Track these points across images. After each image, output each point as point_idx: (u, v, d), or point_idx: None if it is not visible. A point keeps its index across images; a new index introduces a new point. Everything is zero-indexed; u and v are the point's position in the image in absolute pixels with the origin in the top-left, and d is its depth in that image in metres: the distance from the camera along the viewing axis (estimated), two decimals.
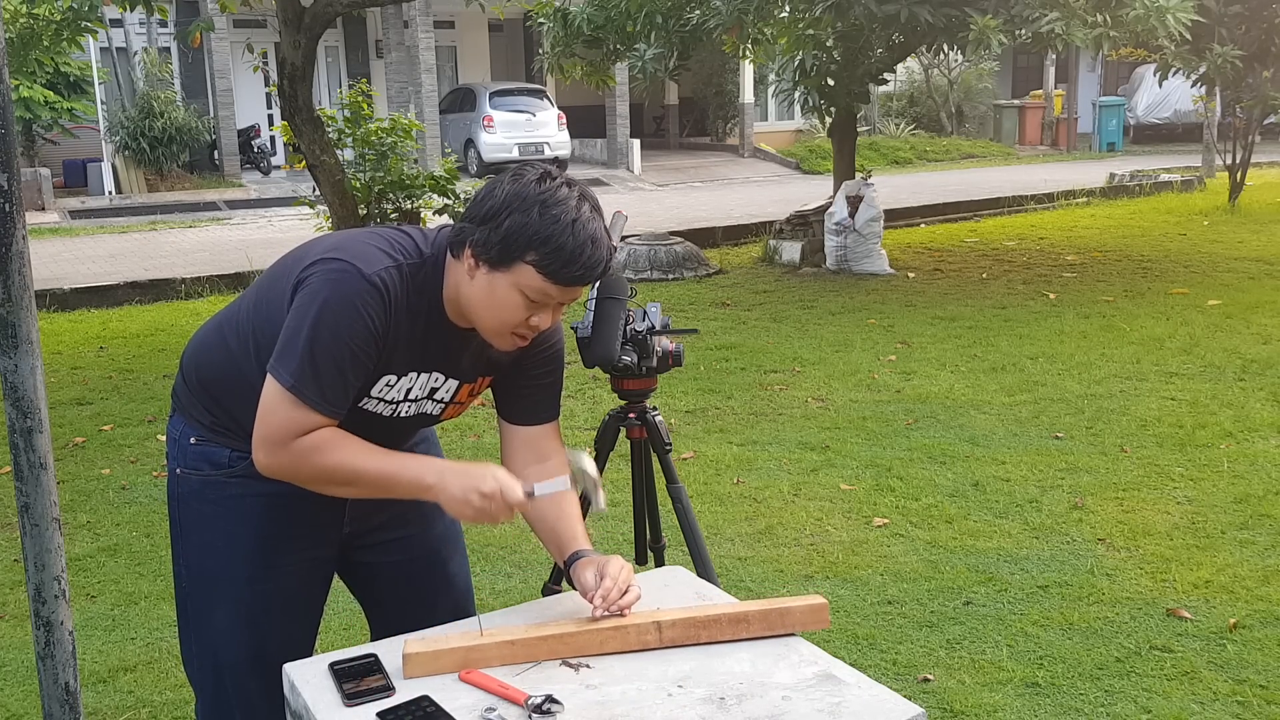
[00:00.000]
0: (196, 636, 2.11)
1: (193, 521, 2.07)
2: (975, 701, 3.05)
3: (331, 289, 1.82)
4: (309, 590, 2.12)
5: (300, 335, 1.81)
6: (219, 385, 2.03)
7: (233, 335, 2.02)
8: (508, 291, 1.83)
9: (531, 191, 1.80)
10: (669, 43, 10.49)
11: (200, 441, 2.04)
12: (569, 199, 1.81)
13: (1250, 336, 7.22)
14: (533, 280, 1.81)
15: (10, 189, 1.79)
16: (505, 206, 1.80)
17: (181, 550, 2.12)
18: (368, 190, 8.69)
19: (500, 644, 1.80)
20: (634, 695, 1.69)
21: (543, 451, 2.08)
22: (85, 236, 14.37)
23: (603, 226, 1.86)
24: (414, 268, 1.89)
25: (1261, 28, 8.98)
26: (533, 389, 2.08)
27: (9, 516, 4.60)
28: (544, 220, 1.78)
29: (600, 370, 2.47)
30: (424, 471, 1.88)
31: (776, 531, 4.32)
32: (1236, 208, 13.72)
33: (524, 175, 1.84)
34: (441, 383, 2.01)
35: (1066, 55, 23.23)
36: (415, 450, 2.20)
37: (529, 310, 1.85)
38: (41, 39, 9.51)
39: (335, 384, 1.83)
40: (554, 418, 2.11)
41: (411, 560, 2.20)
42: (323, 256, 1.88)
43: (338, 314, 1.81)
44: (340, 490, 1.94)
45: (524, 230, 1.78)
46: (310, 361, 1.81)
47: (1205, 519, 4.29)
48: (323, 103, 19.56)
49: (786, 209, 12.32)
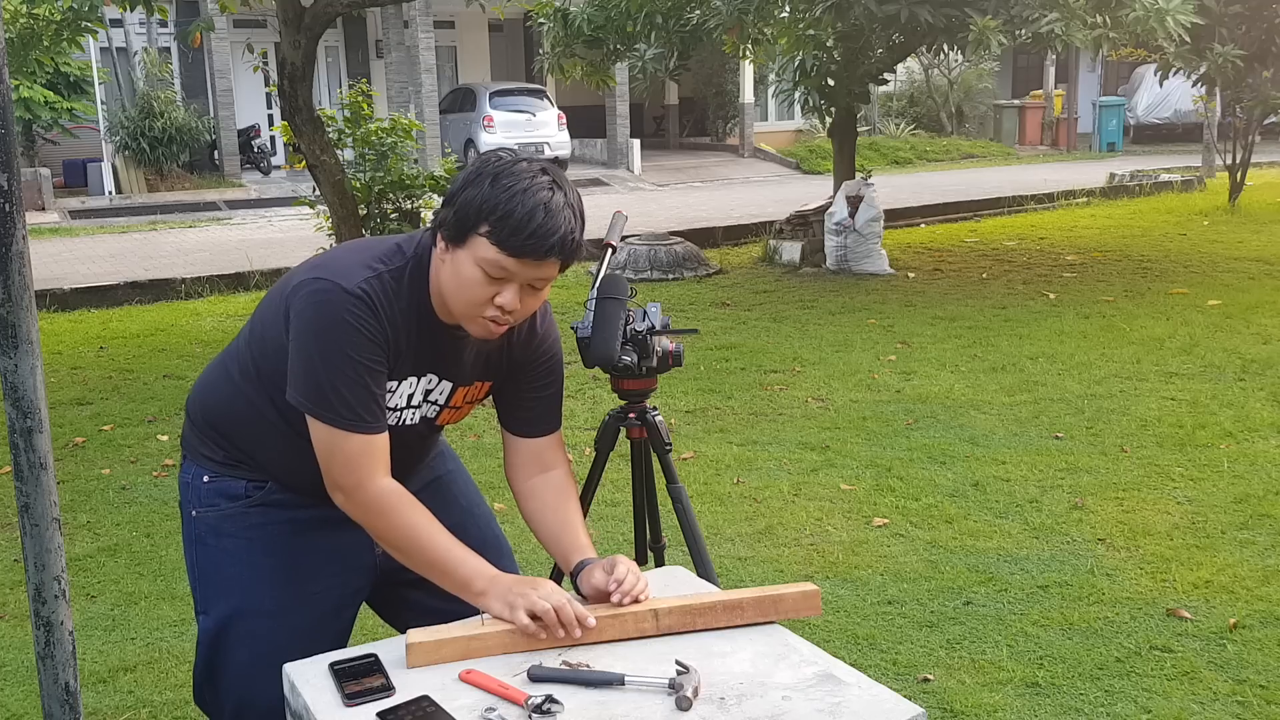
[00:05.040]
0: (220, 677, 2.03)
1: (212, 560, 2.01)
2: (975, 701, 3.05)
3: (318, 311, 1.81)
4: (341, 619, 2.05)
5: (314, 368, 1.81)
6: (227, 420, 2.00)
7: (235, 368, 2.00)
8: (470, 268, 1.80)
9: (489, 168, 1.80)
10: (669, 43, 10.49)
11: (214, 479, 2.01)
12: (526, 172, 1.78)
13: (1250, 336, 7.22)
14: (487, 252, 1.78)
15: (10, 189, 1.79)
16: (465, 182, 1.81)
17: (202, 594, 2.05)
18: (368, 190, 8.69)
19: (501, 633, 1.81)
20: (634, 695, 1.69)
21: (546, 462, 2.07)
22: (85, 236, 14.37)
23: (565, 200, 1.80)
24: (396, 272, 1.87)
25: (1261, 28, 8.98)
26: (534, 400, 2.07)
27: (9, 516, 4.60)
28: (494, 189, 1.77)
29: (600, 370, 2.47)
30: (475, 577, 1.84)
31: (776, 531, 4.32)
32: (1236, 208, 13.72)
33: (489, 156, 1.83)
34: (435, 384, 1.98)
35: (1066, 55, 23.24)
36: (432, 463, 2.19)
37: (491, 287, 1.81)
38: (41, 39, 9.51)
39: (362, 399, 1.82)
40: (556, 428, 2.10)
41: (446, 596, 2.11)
42: (305, 278, 1.87)
43: (334, 335, 1.80)
44: (393, 553, 1.90)
45: (475, 201, 1.77)
46: (332, 390, 1.81)
47: (1205, 519, 4.29)
48: (323, 103, 19.56)
49: (786, 209, 12.32)
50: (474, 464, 5.01)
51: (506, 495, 2.80)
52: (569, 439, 5.48)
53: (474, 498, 2.28)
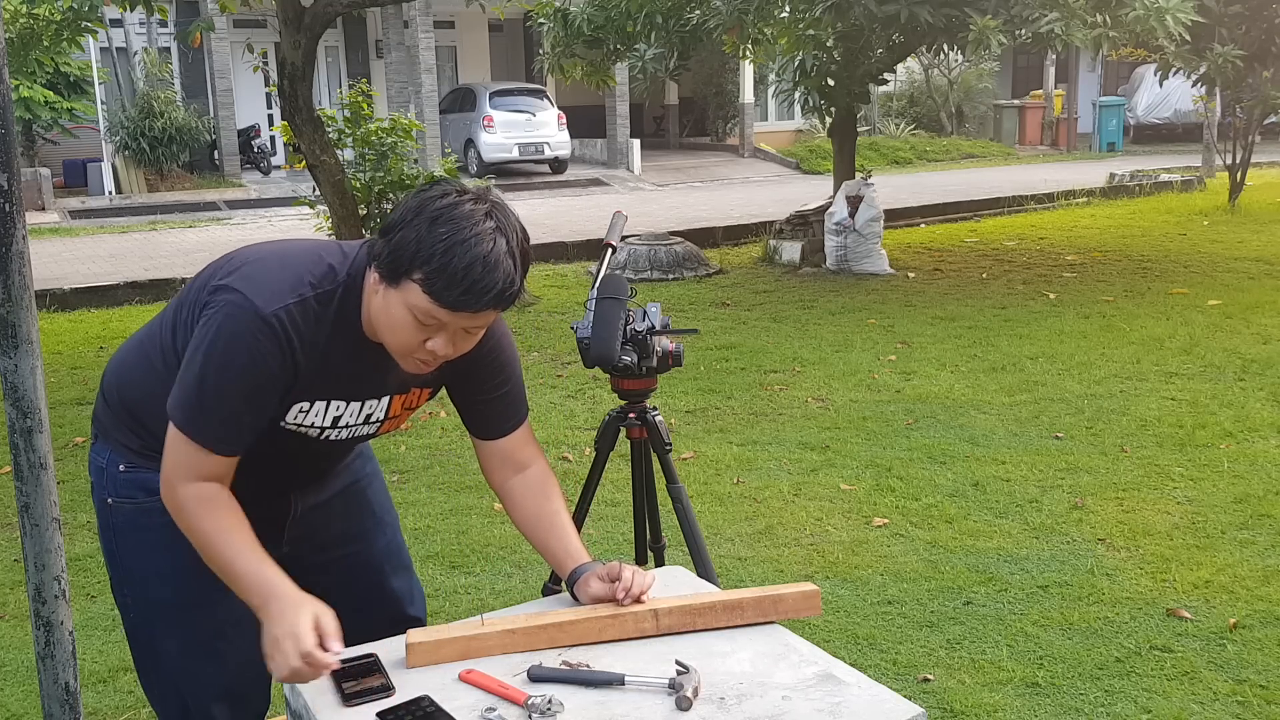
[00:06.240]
0: (155, 669, 2.02)
1: (131, 552, 1.98)
2: (975, 701, 3.05)
3: (223, 325, 1.74)
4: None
5: (193, 373, 1.75)
6: (144, 407, 1.93)
7: (156, 354, 1.92)
8: (401, 311, 1.71)
9: (429, 205, 1.68)
10: (669, 43, 10.49)
11: (130, 468, 1.96)
12: (467, 218, 1.67)
13: (1250, 336, 7.22)
14: (419, 300, 1.68)
15: (10, 189, 1.79)
16: (401, 220, 1.69)
17: (122, 584, 2.03)
18: (368, 190, 8.70)
19: (501, 633, 1.81)
20: (634, 695, 1.69)
21: (520, 460, 2.04)
22: (85, 236, 14.37)
23: (506, 248, 1.68)
24: (324, 296, 1.78)
25: (1261, 28, 8.99)
26: (489, 401, 2.00)
27: (9, 516, 4.60)
28: (431, 235, 1.65)
29: (600, 370, 2.47)
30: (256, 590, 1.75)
31: (776, 531, 4.32)
32: (1236, 208, 13.72)
33: (432, 188, 1.72)
34: (375, 406, 1.93)
35: (1066, 55, 23.23)
36: (352, 465, 2.17)
37: (422, 332, 1.72)
38: (41, 39, 9.52)
39: (228, 423, 1.77)
40: (521, 422, 2.04)
41: (351, 580, 2.15)
42: (225, 284, 1.78)
43: (227, 353, 1.73)
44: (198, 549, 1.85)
45: (410, 245, 1.66)
46: (200, 402, 1.75)
47: (1205, 519, 4.29)
48: (323, 103, 19.56)
49: (786, 209, 12.32)
50: (474, 464, 4.99)
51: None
52: (569, 439, 5.48)
53: (385, 504, 2.27)
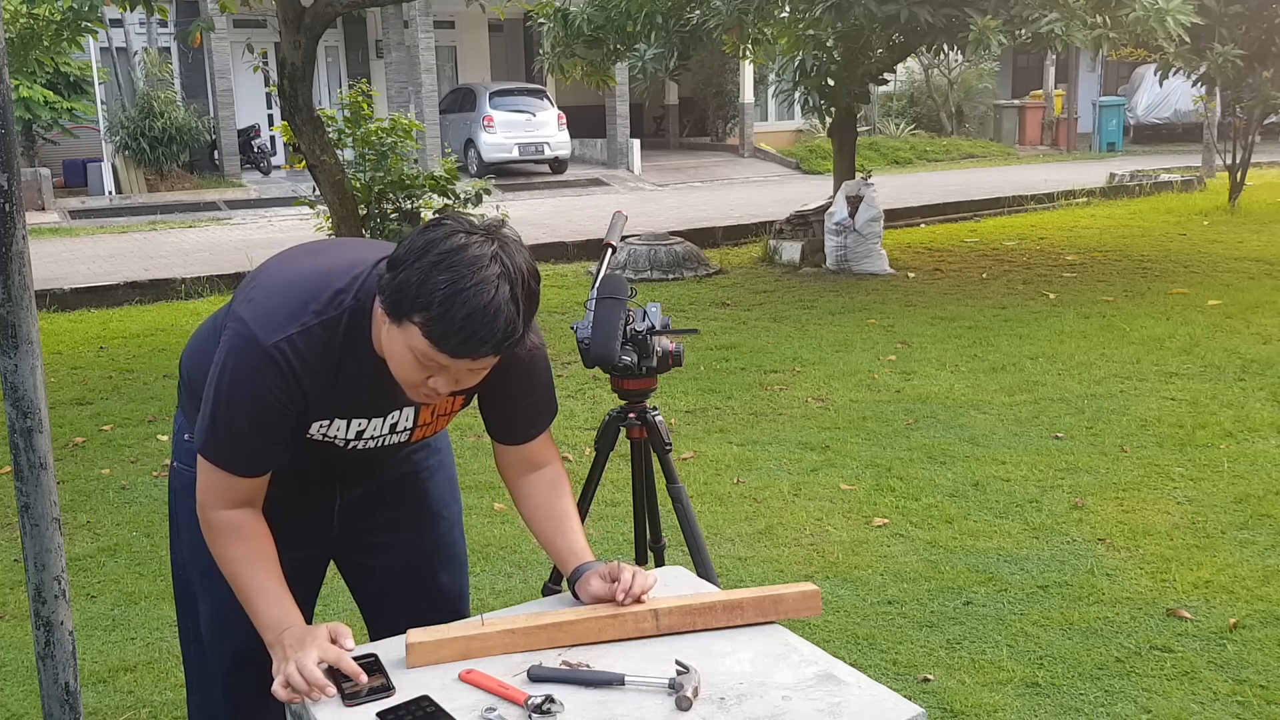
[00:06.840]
0: (192, 629, 2.15)
1: (186, 516, 2.06)
2: (975, 701, 3.05)
3: (227, 358, 1.80)
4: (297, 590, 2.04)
5: (209, 403, 1.82)
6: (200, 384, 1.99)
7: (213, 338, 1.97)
8: (401, 349, 1.70)
9: (434, 247, 1.64)
10: (669, 43, 10.49)
11: (193, 439, 2.01)
12: (473, 261, 1.63)
13: (1250, 336, 7.22)
14: (419, 343, 1.66)
15: (10, 189, 1.79)
16: (406, 256, 1.66)
17: (176, 541, 2.17)
18: (368, 190, 8.70)
19: (501, 633, 1.81)
20: (634, 695, 1.69)
21: (536, 461, 2.06)
22: (85, 236, 14.37)
23: (510, 293, 1.64)
24: (330, 323, 1.78)
25: (1261, 28, 8.99)
26: (516, 409, 2.02)
27: (9, 516, 4.60)
28: (432, 281, 1.62)
29: (600, 370, 2.47)
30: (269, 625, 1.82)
31: (776, 531, 4.32)
32: (1236, 208, 13.72)
33: (441, 226, 1.69)
34: (399, 416, 1.96)
35: (1066, 55, 23.24)
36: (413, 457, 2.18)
37: (423, 371, 1.72)
38: (41, 39, 9.52)
39: (244, 450, 1.83)
40: (543, 430, 2.06)
41: (402, 566, 2.19)
42: (236, 311, 1.84)
43: (235, 386, 1.79)
44: None
45: (412, 289, 1.63)
46: (216, 431, 1.83)
47: (1205, 519, 4.29)
48: (323, 103, 19.56)
49: (786, 209, 12.32)
50: (474, 463, 5.01)
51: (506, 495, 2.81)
52: (569, 439, 5.48)
53: (445, 499, 2.26)
